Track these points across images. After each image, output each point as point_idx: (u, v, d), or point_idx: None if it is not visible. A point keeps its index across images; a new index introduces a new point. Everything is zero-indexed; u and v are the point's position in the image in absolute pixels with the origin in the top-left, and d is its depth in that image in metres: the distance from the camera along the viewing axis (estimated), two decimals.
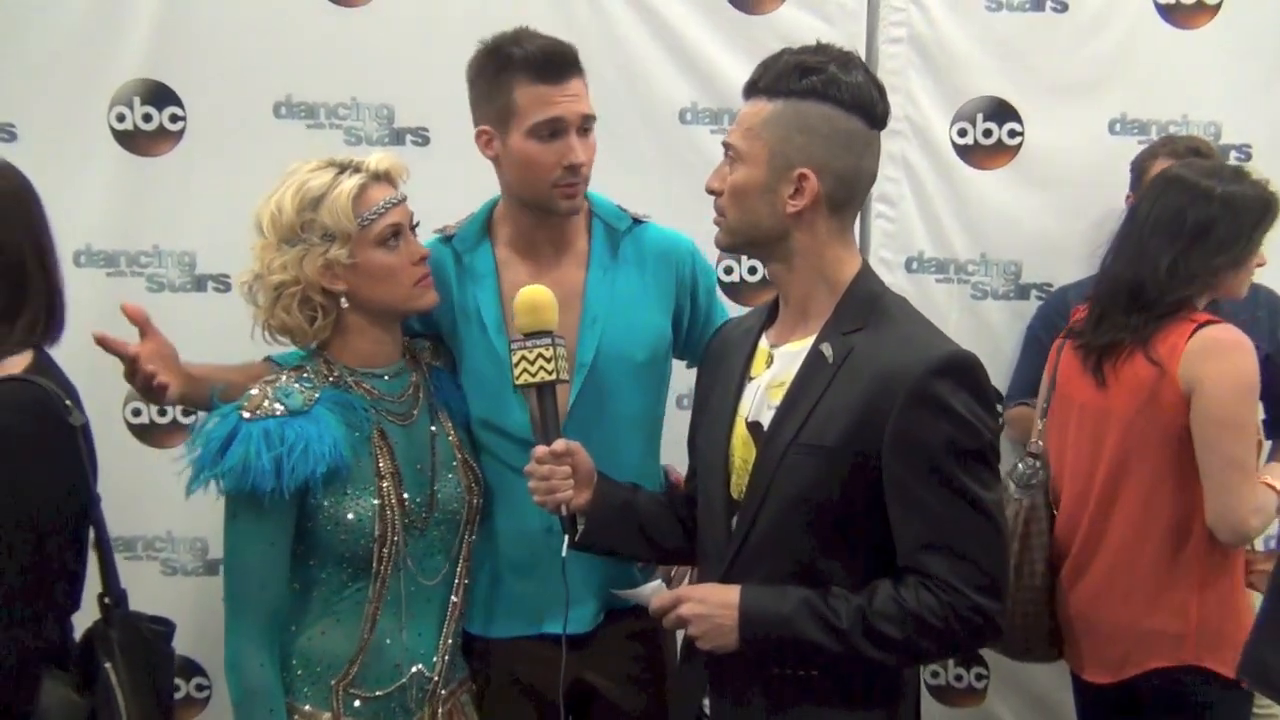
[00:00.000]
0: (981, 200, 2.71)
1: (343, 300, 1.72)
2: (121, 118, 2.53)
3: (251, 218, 1.74)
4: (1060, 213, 2.70)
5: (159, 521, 2.64)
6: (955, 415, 1.42)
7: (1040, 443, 2.23)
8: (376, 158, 1.74)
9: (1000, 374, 2.75)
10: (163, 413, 2.61)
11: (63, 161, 2.51)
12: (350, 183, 1.68)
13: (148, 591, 2.60)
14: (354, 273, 1.70)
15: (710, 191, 1.58)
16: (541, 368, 1.65)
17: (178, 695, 2.72)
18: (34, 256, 1.75)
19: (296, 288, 1.69)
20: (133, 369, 1.75)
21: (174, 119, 2.55)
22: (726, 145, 1.55)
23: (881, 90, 1.53)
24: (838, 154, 1.49)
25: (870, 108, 1.50)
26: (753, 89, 1.54)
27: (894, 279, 2.71)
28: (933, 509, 1.42)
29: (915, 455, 1.42)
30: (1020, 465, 2.21)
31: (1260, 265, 2.11)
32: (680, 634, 1.70)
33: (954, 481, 1.42)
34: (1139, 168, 2.54)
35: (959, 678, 2.87)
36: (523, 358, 1.65)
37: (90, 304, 2.54)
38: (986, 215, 2.72)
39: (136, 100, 2.53)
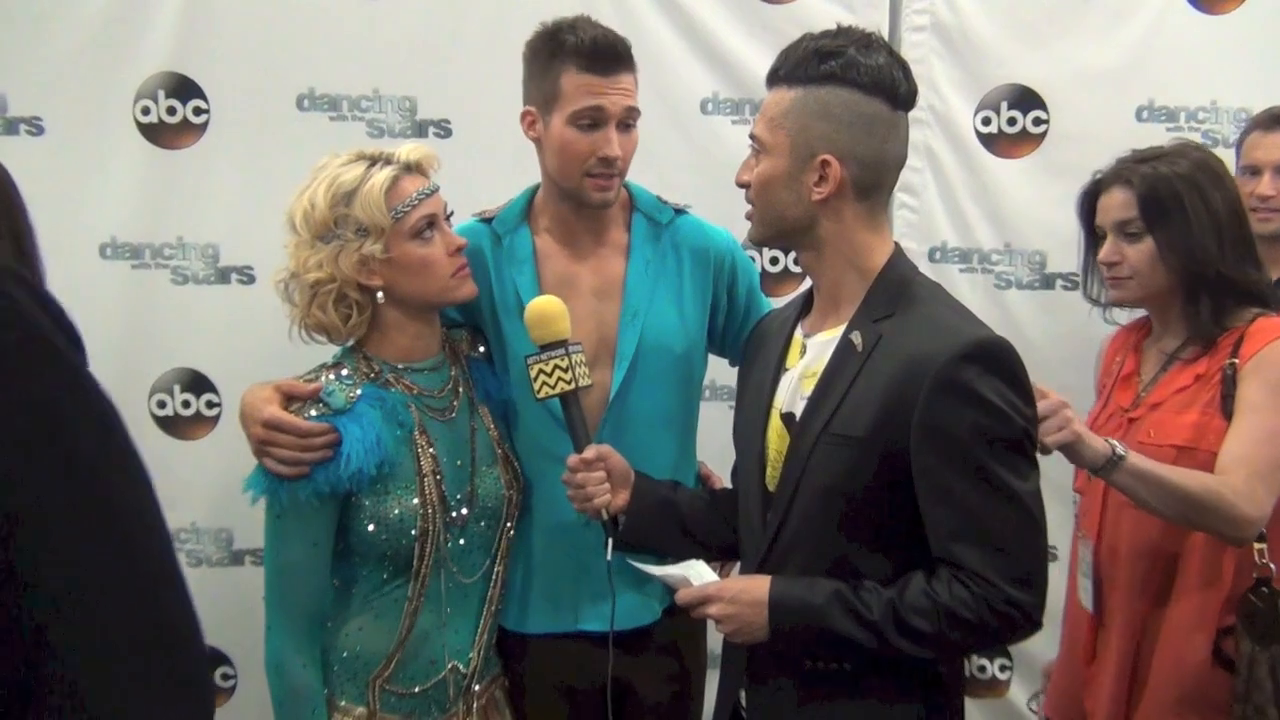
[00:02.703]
0: (1006, 189, 2.69)
1: (379, 295, 1.71)
2: (146, 111, 2.54)
3: (283, 215, 1.73)
4: None
5: (184, 513, 2.65)
6: (984, 402, 1.39)
7: None
8: (408, 148, 1.72)
9: (1028, 366, 2.72)
10: (187, 404, 2.62)
11: (88, 155, 2.54)
12: (382, 175, 1.66)
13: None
14: (390, 267, 1.68)
15: (740, 185, 1.57)
16: (560, 379, 1.65)
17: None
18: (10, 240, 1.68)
19: (333, 285, 1.68)
20: None
21: (198, 112, 2.55)
22: (751, 137, 1.54)
23: (906, 70, 1.51)
24: (860, 139, 1.47)
25: (892, 89, 1.48)
26: (774, 78, 1.53)
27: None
28: (964, 500, 1.40)
29: (944, 444, 1.40)
30: None
31: None
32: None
33: (985, 471, 1.40)
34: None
35: (982, 669, 2.86)
36: (540, 371, 1.65)
37: (115, 297, 2.59)
38: (1011, 205, 2.69)
39: (161, 93, 2.53)
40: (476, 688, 1.78)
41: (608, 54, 1.76)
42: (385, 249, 1.67)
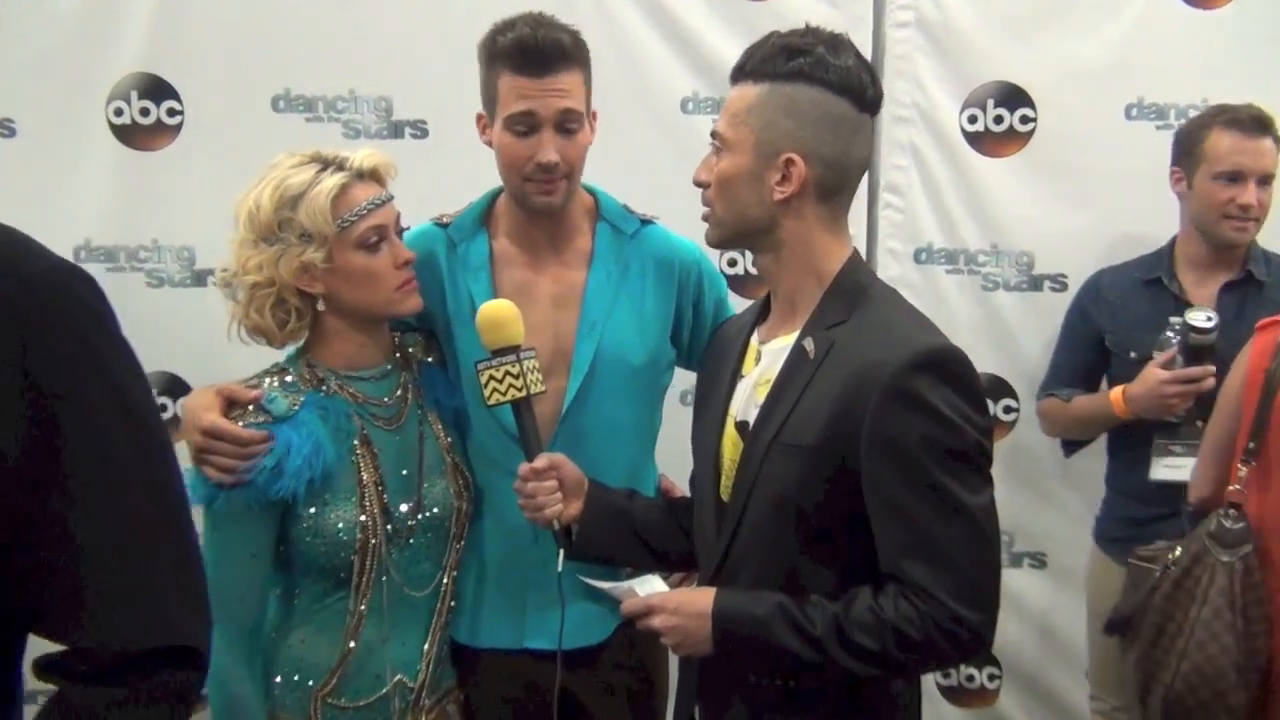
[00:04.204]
0: (993, 189, 2.65)
1: (319, 303, 1.67)
2: (119, 112, 2.52)
3: (216, 202, 1.70)
4: (1075, 201, 2.63)
5: None
6: (935, 413, 1.35)
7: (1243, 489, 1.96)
8: (363, 155, 1.68)
9: (1013, 367, 2.70)
10: (164, 409, 2.59)
11: (61, 157, 2.52)
12: (331, 182, 1.62)
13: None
14: (332, 275, 1.64)
15: (698, 184, 1.52)
16: (511, 385, 1.61)
17: None
18: None
19: (271, 289, 1.64)
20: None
21: (172, 113, 2.54)
22: (713, 134, 1.50)
23: (873, 74, 1.47)
24: (825, 138, 1.43)
25: (860, 91, 1.44)
26: (740, 73, 1.48)
27: (902, 270, 2.66)
28: (912, 513, 1.36)
29: (892, 455, 1.36)
30: (1223, 520, 1.94)
31: None
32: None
33: (934, 484, 1.35)
34: (1188, 139, 2.36)
35: (970, 678, 2.81)
36: (490, 377, 1.61)
37: None
38: (998, 204, 2.65)
39: (134, 94, 2.52)
40: (426, 702, 1.74)
41: (536, 55, 1.69)
42: (328, 257, 1.63)
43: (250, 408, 1.62)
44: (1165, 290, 2.38)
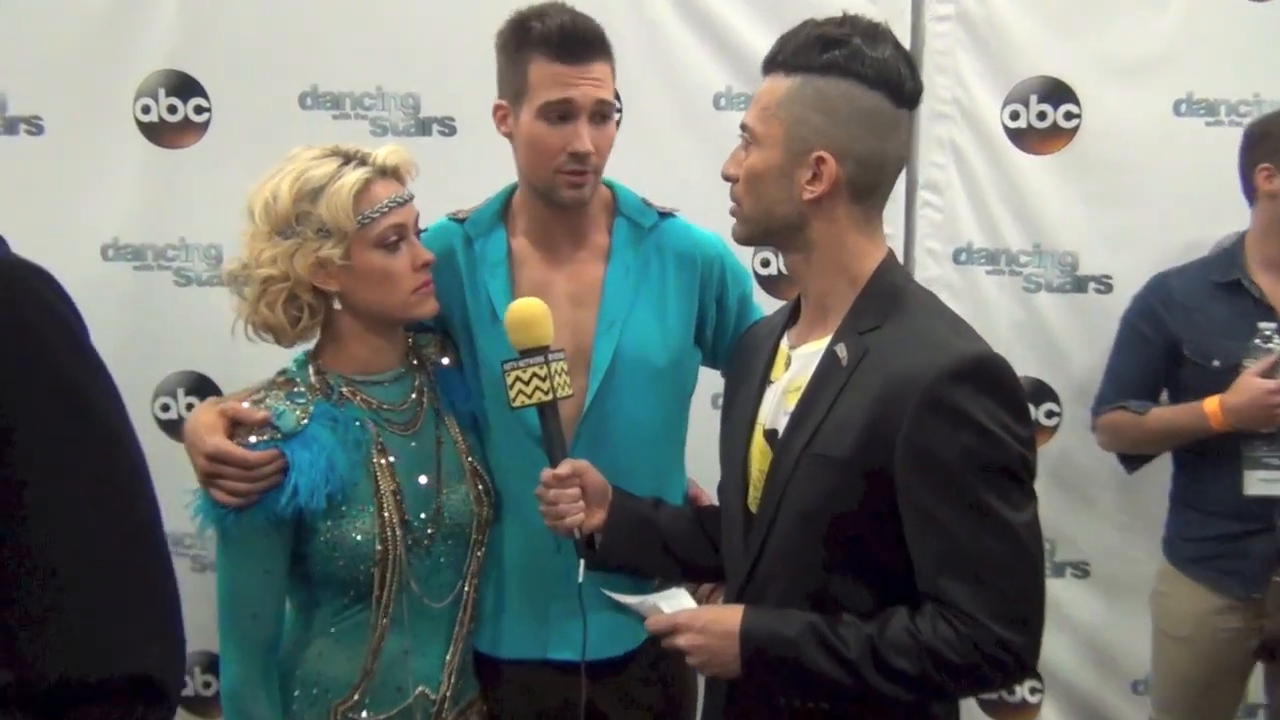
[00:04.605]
0: (1035, 187, 2.57)
1: (335, 302, 1.62)
2: (146, 109, 2.51)
3: (243, 200, 1.65)
4: (1120, 200, 2.54)
5: (188, 518, 2.60)
6: (975, 425, 1.28)
7: None
8: (385, 151, 1.63)
9: (1055, 372, 2.63)
10: (191, 408, 2.57)
11: (89, 155, 2.52)
12: (354, 176, 1.57)
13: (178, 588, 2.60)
14: (348, 274, 1.59)
15: (726, 178, 1.47)
16: (537, 388, 1.55)
17: (209, 691, 2.72)
18: None
19: (284, 284, 1.58)
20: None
21: (199, 110, 2.52)
22: (742, 127, 1.44)
23: (912, 66, 1.40)
24: (859, 135, 1.36)
25: (897, 85, 1.37)
26: (771, 64, 1.42)
27: (941, 271, 2.59)
28: (952, 530, 1.29)
29: (930, 469, 1.29)
30: None
31: None
32: None
33: (975, 500, 1.28)
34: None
35: (1012, 691, 2.73)
36: (517, 378, 1.56)
37: (118, 299, 2.55)
38: (1040, 203, 2.57)
39: (161, 91, 2.51)
40: (449, 715, 1.70)
41: (576, 41, 1.65)
42: (345, 254, 1.58)
43: (256, 426, 1.57)
44: (1244, 293, 2.27)
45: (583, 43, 1.66)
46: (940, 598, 1.31)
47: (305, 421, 1.58)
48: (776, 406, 1.45)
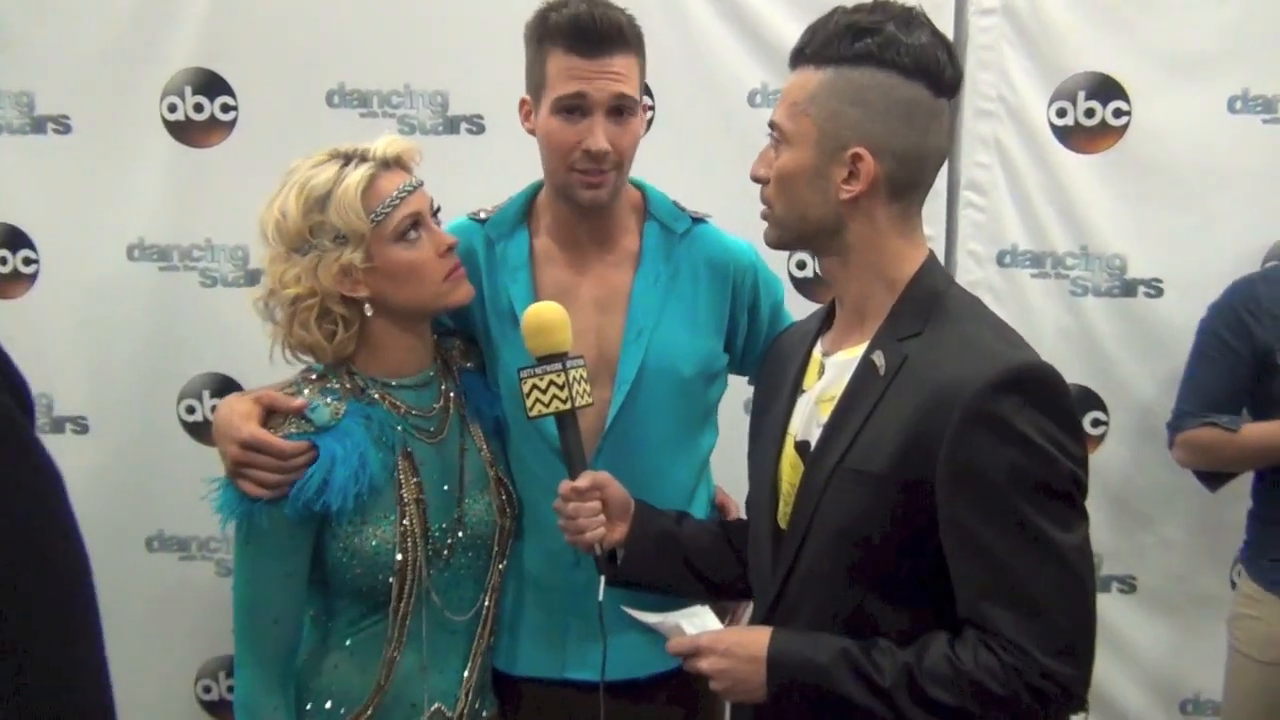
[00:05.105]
0: (1083, 187, 2.47)
1: (367, 308, 1.57)
2: (173, 108, 2.48)
3: (255, 225, 1.61)
4: (1172, 201, 2.45)
5: (213, 521, 2.58)
6: (1023, 440, 1.20)
7: None
8: (384, 142, 1.58)
9: (1102, 378, 2.53)
10: (215, 410, 2.55)
11: (115, 153, 2.50)
12: (357, 175, 1.53)
13: (201, 592, 2.57)
14: (375, 275, 1.55)
15: (756, 179, 1.40)
16: (555, 396, 1.50)
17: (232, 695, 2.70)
18: None
19: (313, 300, 1.54)
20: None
21: (225, 109, 2.49)
22: (771, 125, 1.37)
23: (951, 51, 1.33)
24: (897, 129, 1.29)
25: (936, 72, 1.30)
26: (799, 56, 1.35)
27: (984, 274, 2.50)
28: (995, 552, 1.21)
29: (973, 487, 1.21)
30: None
31: None
32: None
33: (1022, 520, 1.20)
34: None
35: None
36: (534, 386, 1.50)
37: (143, 299, 2.53)
38: (1088, 204, 2.47)
39: (188, 90, 2.48)
40: None
41: (592, 33, 1.58)
42: (367, 256, 1.54)
43: (290, 417, 1.53)
44: None
45: (599, 34, 1.59)
46: (983, 624, 1.23)
47: (339, 416, 1.54)
48: (809, 417, 1.38)
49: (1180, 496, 2.47)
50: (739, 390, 1.91)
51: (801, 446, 1.38)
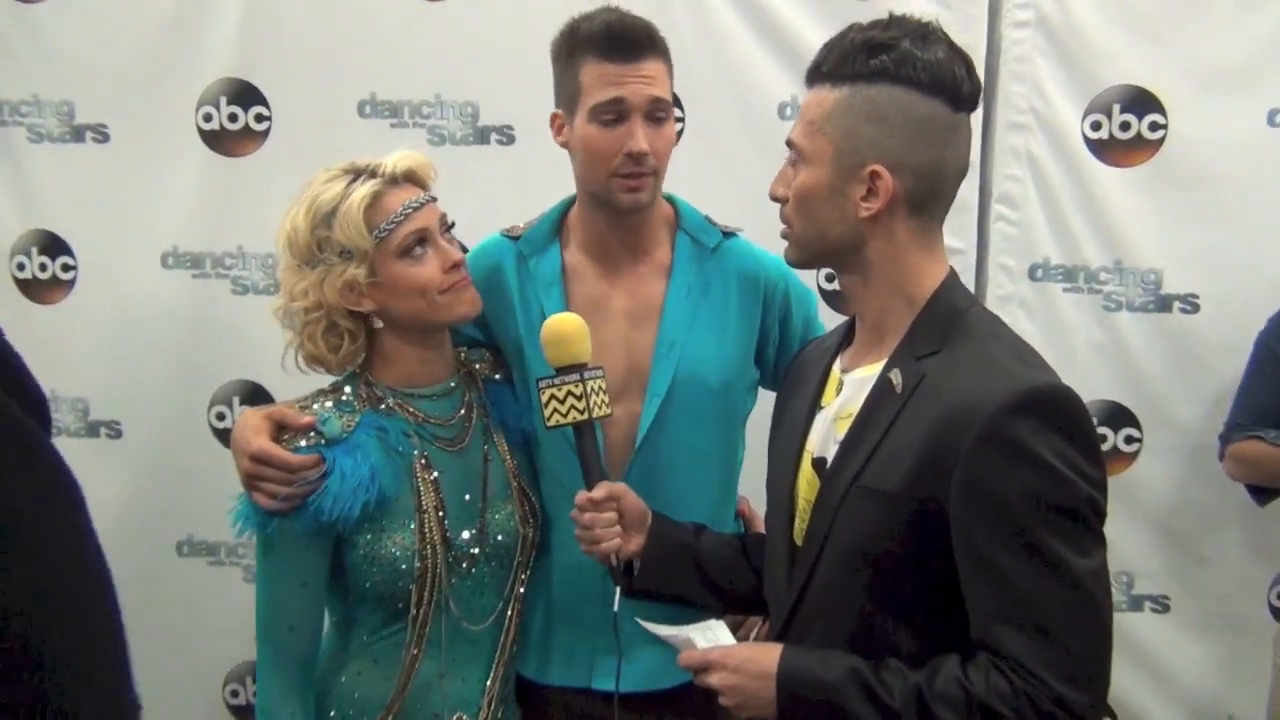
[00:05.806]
0: (1117, 201, 2.44)
1: (375, 321, 1.59)
2: (208, 118, 2.52)
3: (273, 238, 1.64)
4: (1208, 216, 2.41)
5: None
6: (1039, 462, 1.18)
7: None
8: (396, 157, 1.59)
9: (1136, 395, 2.49)
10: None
11: (151, 162, 2.55)
12: (362, 192, 1.54)
13: (230, 597, 2.60)
14: (379, 290, 1.56)
15: (775, 199, 1.39)
16: (572, 407, 1.50)
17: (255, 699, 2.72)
18: None
19: (320, 313, 1.56)
20: None
21: (259, 119, 2.52)
22: (789, 143, 1.36)
23: (969, 66, 1.31)
24: (916, 145, 1.28)
25: (954, 87, 1.29)
26: (815, 75, 1.34)
27: (1016, 288, 2.48)
28: (1009, 575, 1.19)
29: (988, 509, 1.19)
30: None
31: None
32: None
33: (1036, 543, 1.18)
34: None
35: None
36: (552, 396, 1.51)
37: (176, 306, 2.56)
38: (1123, 218, 2.44)
39: (223, 99, 2.52)
40: None
41: (626, 38, 1.60)
42: (371, 272, 1.55)
43: (301, 431, 1.55)
44: None
45: (631, 40, 1.61)
46: (995, 648, 1.21)
47: (350, 429, 1.55)
48: (826, 434, 1.37)
49: (1214, 514, 2.43)
50: (763, 400, 1.90)
51: (818, 463, 1.37)
